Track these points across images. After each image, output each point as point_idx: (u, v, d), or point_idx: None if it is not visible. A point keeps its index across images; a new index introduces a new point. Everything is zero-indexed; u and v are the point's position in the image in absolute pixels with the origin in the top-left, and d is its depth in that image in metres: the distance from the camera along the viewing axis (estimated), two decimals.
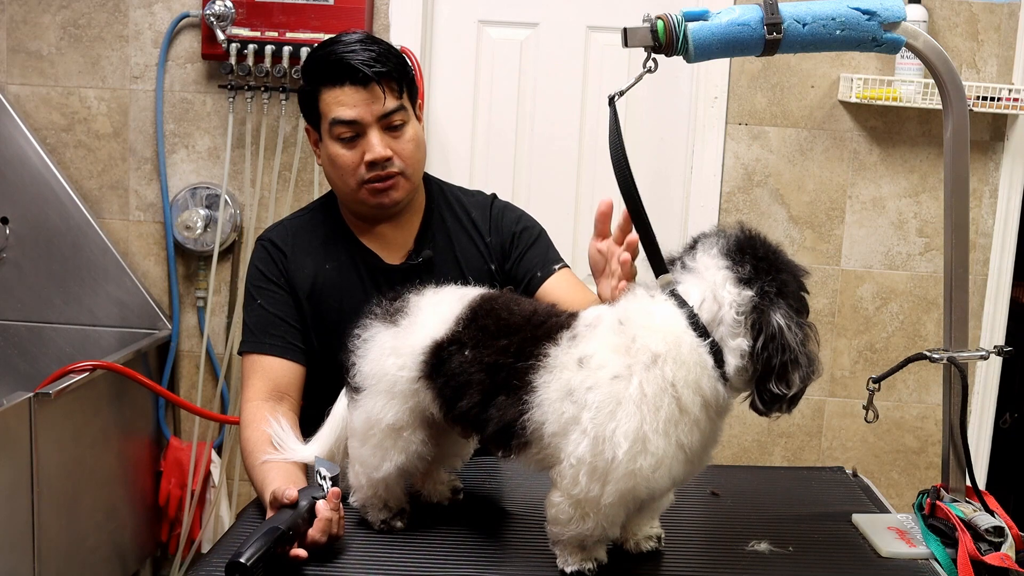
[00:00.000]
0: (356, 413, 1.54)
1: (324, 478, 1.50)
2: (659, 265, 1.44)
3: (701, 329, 1.31)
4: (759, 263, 1.32)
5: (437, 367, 1.46)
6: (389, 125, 1.84)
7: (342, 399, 1.66)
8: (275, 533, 1.39)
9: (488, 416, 1.41)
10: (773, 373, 1.28)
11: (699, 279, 1.34)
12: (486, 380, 1.41)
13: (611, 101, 1.51)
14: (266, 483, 1.61)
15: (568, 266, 2.00)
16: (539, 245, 2.00)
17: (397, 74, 1.85)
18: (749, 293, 1.29)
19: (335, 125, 1.83)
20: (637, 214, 1.47)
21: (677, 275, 1.37)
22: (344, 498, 1.55)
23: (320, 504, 1.46)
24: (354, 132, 1.83)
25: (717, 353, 1.30)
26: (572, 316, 1.44)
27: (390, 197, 1.87)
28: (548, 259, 1.97)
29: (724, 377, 1.31)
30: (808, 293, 1.36)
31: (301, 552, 1.41)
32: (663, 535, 1.51)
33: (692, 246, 1.39)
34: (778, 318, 1.28)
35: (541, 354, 1.37)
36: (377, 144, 1.82)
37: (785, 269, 1.33)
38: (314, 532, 1.44)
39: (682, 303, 1.33)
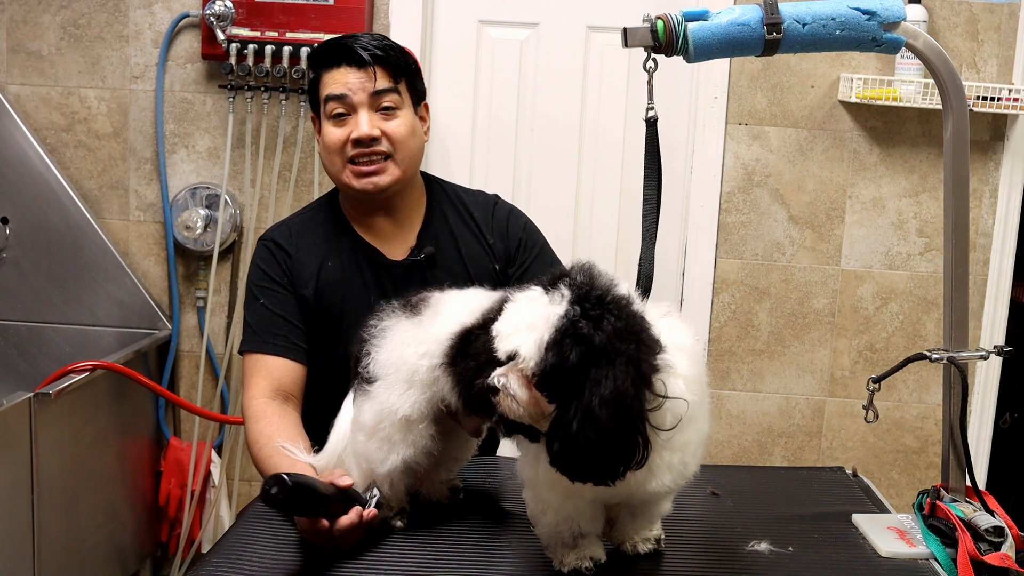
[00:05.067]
0: (367, 405, 1.53)
1: (373, 497, 1.51)
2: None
3: None
4: None
5: (462, 351, 1.46)
6: (380, 106, 1.87)
7: (345, 409, 1.66)
8: (323, 486, 1.41)
9: None
10: None
11: None
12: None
13: (652, 123, 1.51)
14: (281, 467, 1.61)
15: None
16: (543, 258, 2.01)
17: (395, 63, 1.89)
18: None
19: (328, 101, 1.88)
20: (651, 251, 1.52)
21: None
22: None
23: (357, 508, 1.47)
24: (344, 108, 1.87)
25: None
26: None
27: (373, 182, 1.87)
28: None
29: None
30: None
31: (324, 520, 1.43)
32: (663, 536, 1.51)
33: None
34: None
35: None
36: (364, 122, 1.85)
37: None
38: (344, 520, 1.44)
39: None
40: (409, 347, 1.51)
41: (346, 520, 1.44)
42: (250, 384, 1.85)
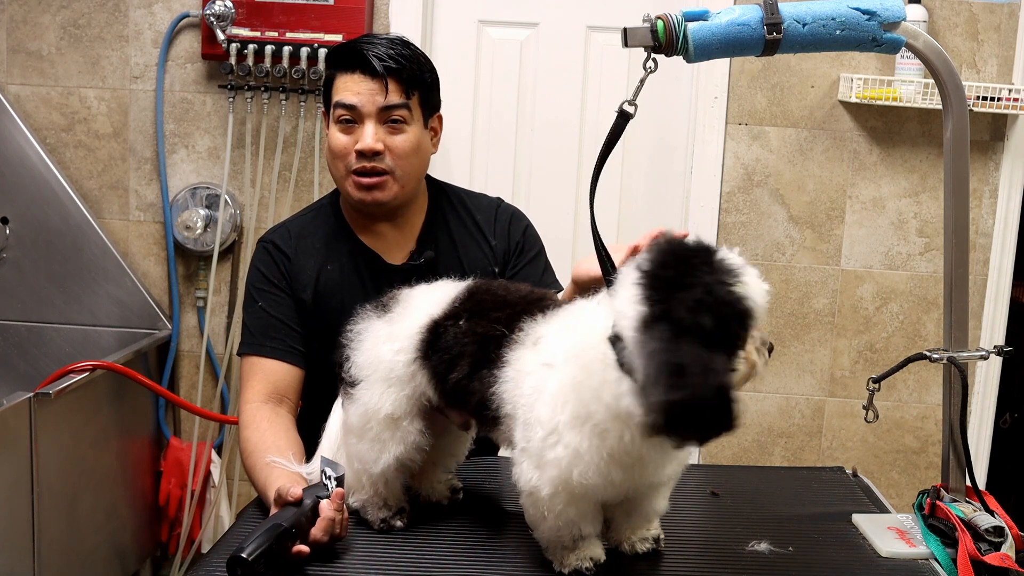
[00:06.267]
0: (352, 408, 1.54)
1: (329, 478, 1.50)
2: (610, 275, 1.47)
3: (615, 340, 1.24)
4: (660, 283, 1.22)
5: (433, 343, 1.47)
6: (388, 120, 1.85)
7: (336, 412, 1.66)
8: (278, 530, 1.40)
9: (472, 388, 1.42)
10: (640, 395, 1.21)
11: (624, 291, 1.25)
12: (476, 352, 1.42)
13: (623, 113, 1.51)
14: (269, 482, 1.61)
15: (562, 287, 2.02)
16: (535, 265, 2.01)
17: (409, 75, 1.86)
18: (643, 310, 1.20)
19: (337, 107, 1.86)
20: (593, 223, 1.53)
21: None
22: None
23: (324, 503, 1.46)
24: (353, 117, 1.85)
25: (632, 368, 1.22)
26: (564, 301, 1.47)
27: (373, 196, 1.86)
28: (542, 283, 1.98)
29: None
30: (728, 305, 1.20)
31: (303, 548, 1.42)
32: (662, 536, 1.51)
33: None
34: (640, 344, 1.20)
35: (519, 328, 1.39)
36: (369, 135, 1.84)
37: (691, 285, 1.19)
38: (316, 531, 1.44)
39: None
40: (384, 345, 1.52)
41: (318, 532, 1.44)
42: (245, 388, 1.85)
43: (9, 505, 2.33)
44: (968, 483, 1.62)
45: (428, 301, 1.52)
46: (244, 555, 1.34)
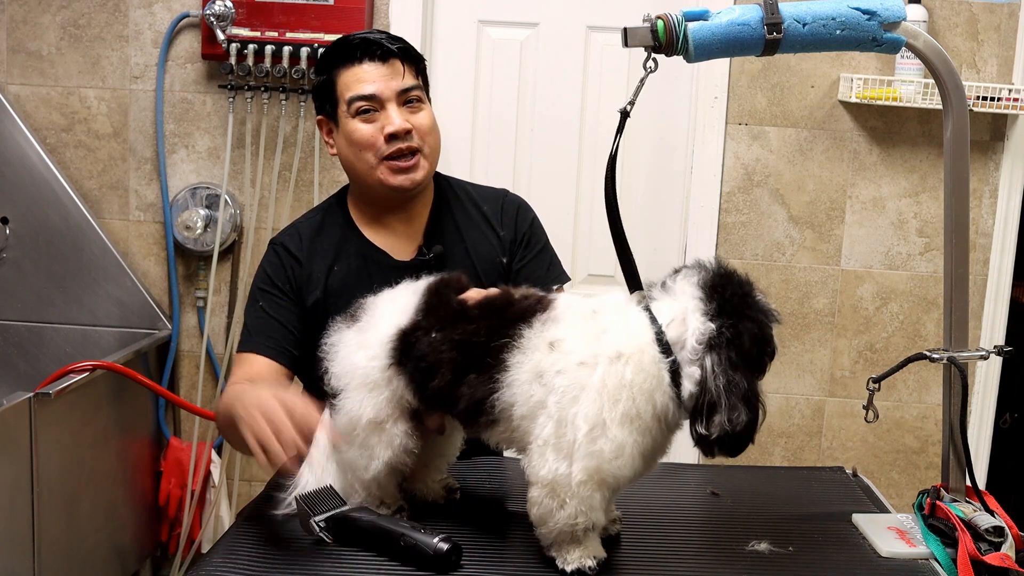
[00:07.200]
0: (337, 417, 1.56)
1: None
2: (634, 282, 1.50)
3: (665, 347, 1.36)
4: (725, 304, 1.36)
5: (406, 352, 1.49)
6: (407, 101, 1.87)
7: (322, 425, 1.66)
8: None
9: (459, 393, 1.44)
10: (700, 413, 1.34)
11: (674, 301, 1.39)
12: (457, 358, 1.45)
13: (624, 114, 1.52)
14: (245, 393, 1.61)
15: (569, 278, 2.02)
16: (542, 258, 2.00)
17: (413, 56, 1.89)
18: (712, 326, 1.34)
19: (354, 101, 1.85)
20: (616, 227, 1.54)
21: (654, 293, 1.42)
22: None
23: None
24: (373, 107, 1.85)
25: (675, 373, 1.36)
26: (545, 299, 1.48)
27: (411, 178, 1.86)
28: (549, 276, 1.98)
29: (679, 398, 1.37)
30: (770, 344, 1.39)
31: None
32: (621, 515, 1.56)
33: (675, 272, 1.43)
34: (708, 361, 1.33)
35: (515, 334, 1.41)
36: (396, 117, 1.84)
37: (750, 317, 1.36)
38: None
39: (653, 319, 1.38)
40: (357, 353, 1.54)
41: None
42: (233, 376, 1.87)
43: (9, 505, 2.33)
44: (968, 483, 1.62)
45: (392, 310, 1.55)
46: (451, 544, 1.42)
